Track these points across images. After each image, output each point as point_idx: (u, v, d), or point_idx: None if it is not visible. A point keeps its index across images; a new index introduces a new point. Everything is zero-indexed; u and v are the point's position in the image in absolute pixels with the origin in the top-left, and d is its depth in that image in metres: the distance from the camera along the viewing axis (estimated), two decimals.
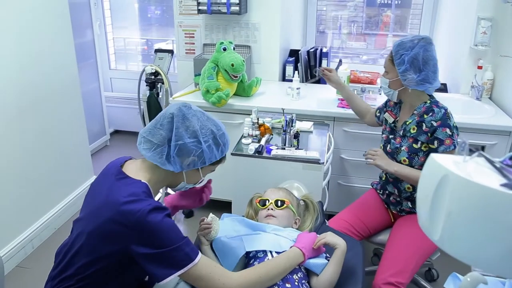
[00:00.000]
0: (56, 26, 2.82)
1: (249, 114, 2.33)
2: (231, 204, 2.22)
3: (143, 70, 2.87)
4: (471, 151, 0.77)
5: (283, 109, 2.32)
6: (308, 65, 3.25)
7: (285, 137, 2.18)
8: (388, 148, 2.01)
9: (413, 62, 1.80)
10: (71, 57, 3.02)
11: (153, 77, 2.87)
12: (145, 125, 2.95)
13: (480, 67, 2.84)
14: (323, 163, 2.04)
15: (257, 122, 2.31)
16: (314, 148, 2.22)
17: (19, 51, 2.52)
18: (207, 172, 1.44)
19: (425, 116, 1.85)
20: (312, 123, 2.46)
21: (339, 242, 1.46)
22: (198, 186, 1.50)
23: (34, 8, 2.60)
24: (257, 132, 2.30)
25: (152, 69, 2.84)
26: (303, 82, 3.27)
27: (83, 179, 3.22)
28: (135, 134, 4.09)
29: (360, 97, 2.49)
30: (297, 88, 2.76)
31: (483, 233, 0.72)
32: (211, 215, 1.55)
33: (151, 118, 2.90)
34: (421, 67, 1.80)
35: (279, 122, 2.42)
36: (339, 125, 2.63)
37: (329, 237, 1.47)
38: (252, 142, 2.23)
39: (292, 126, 2.21)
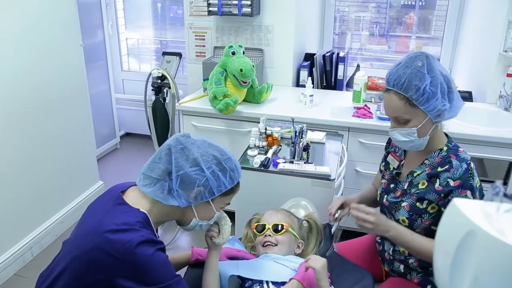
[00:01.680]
0: (64, 27, 2.74)
1: (259, 122, 2.18)
2: (235, 214, 2.08)
3: (150, 74, 2.75)
4: (506, 197, 0.60)
5: (292, 119, 2.16)
6: (324, 70, 3.08)
7: (294, 150, 2.02)
8: (384, 200, 1.58)
9: (441, 88, 1.36)
10: (79, 59, 2.94)
11: (159, 81, 2.74)
12: (151, 132, 2.84)
13: (510, 75, 2.62)
14: (334, 179, 1.88)
15: (265, 132, 2.16)
16: (325, 161, 2.06)
17: (26, 53, 2.45)
18: (220, 205, 1.31)
19: (440, 169, 1.41)
20: (325, 133, 2.30)
21: (316, 266, 1.26)
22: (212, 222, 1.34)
23: (40, 9, 2.52)
24: (265, 143, 2.15)
25: (159, 72, 2.72)
26: (318, 88, 3.10)
27: (88, 185, 3.13)
28: (146, 137, 3.99)
29: (377, 111, 2.27)
30: (310, 95, 2.59)
31: None
32: (219, 215, 1.39)
33: (156, 124, 2.78)
34: (446, 89, 1.37)
35: (289, 132, 2.27)
36: (354, 135, 2.46)
37: (310, 261, 1.29)
38: (259, 154, 2.08)
39: (301, 138, 2.05)
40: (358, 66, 3.15)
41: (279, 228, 1.50)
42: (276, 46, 3.01)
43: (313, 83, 3.02)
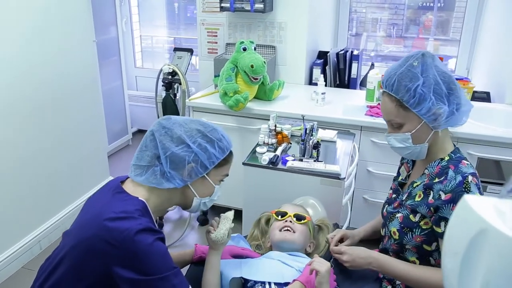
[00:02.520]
0: (77, 23, 2.74)
1: (269, 120, 2.15)
2: (242, 212, 2.05)
3: (161, 70, 2.73)
4: None
5: (303, 116, 2.11)
6: (337, 68, 3.02)
7: (304, 147, 1.98)
8: (384, 210, 1.49)
9: (435, 88, 1.23)
10: (92, 55, 2.94)
11: (170, 77, 2.72)
12: None
13: None
14: (344, 178, 1.83)
15: (275, 130, 2.12)
16: (336, 160, 2.01)
17: (39, 48, 2.45)
18: (217, 178, 1.29)
19: (436, 180, 1.27)
20: (336, 132, 2.25)
21: (321, 268, 1.21)
22: (215, 197, 1.32)
23: (54, 5, 2.53)
24: (274, 140, 2.11)
25: (170, 68, 2.70)
26: (331, 86, 3.05)
27: (98, 181, 3.12)
28: None
29: None
30: (322, 93, 2.54)
31: None
32: (223, 214, 1.38)
33: None
34: (446, 91, 1.24)
35: (299, 129, 2.22)
36: (367, 135, 2.40)
37: (315, 263, 1.25)
38: (268, 151, 2.04)
39: (312, 135, 2.00)
40: (372, 64, 3.09)
41: (301, 218, 1.48)
42: (289, 43, 2.96)
43: (326, 82, 2.98)
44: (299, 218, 1.49)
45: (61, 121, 2.68)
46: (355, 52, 3.01)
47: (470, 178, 1.22)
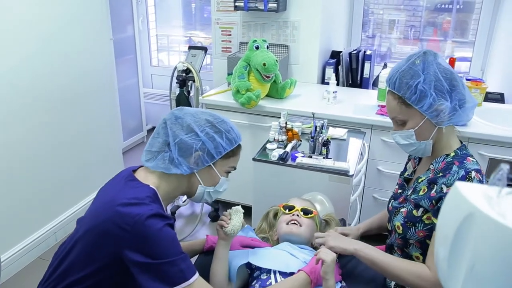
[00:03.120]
0: (94, 21, 2.81)
1: (280, 117, 2.18)
2: (251, 209, 2.08)
3: (175, 67, 2.79)
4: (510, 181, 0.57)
5: (313, 114, 2.14)
6: (350, 68, 3.04)
7: (313, 144, 2.00)
8: (390, 205, 1.50)
9: (436, 85, 1.24)
10: (108, 52, 3.01)
11: (184, 74, 2.77)
12: None
13: None
14: (353, 175, 1.84)
15: (285, 127, 2.14)
16: (345, 157, 2.02)
17: (56, 46, 2.52)
18: (223, 169, 1.32)
19: (440, 175, 1.29)
20: (346, 130, 2.26)
21: (326, 258, 1.24)
22: (222, 189, 1.36)
23: (72, 3, 2.59)
24: (284, 137, 2.13)
25: (184, 66, 2.75)
26: (344, 86, 3.06)
27: (113, 175, 3.18)
28: None
29: None
30: (333, 92, 2.56)
31: None
32: (234, 207, 1.42)
33: None
34: (447, 87, 1.25)
35: (309, 127, 2.25)
36: (377, 133, 2.41)
37: (321, 253, 1.27)
38: (278, 147, 2.07)
39: (321, 133, 2.03)
40: (385, 64, 3.09)
41: (308, 212, 1.51)
42: (301, 43, 2.99)
43: (338, 81, 3.00)
44: (306, 212, 1.52)
45: (78, 117, 2.75)
46: (368, 52, 3.02)
47: (473, 173, 1.24)
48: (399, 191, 1.50)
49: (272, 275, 1.31)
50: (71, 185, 2.78)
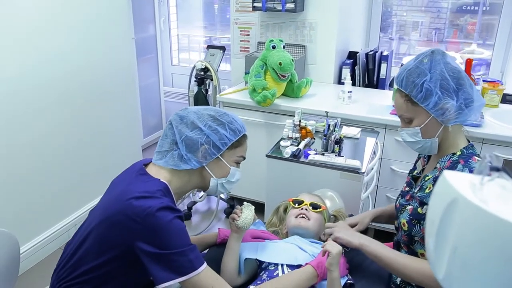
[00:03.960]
0: (117, 21, 2.89)
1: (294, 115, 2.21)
2: (264, 206, 2.12)
3: (194, 66, 2.85)
4: (493, 170, 0.60)
5: (326, 112, 2.17)
6: (367, 68, 3.05)
7: (326, 142, 2.03)
8: (397, 202, 1.52)
9: (442, 84, 1.26)
10: (130, 51, 3.09)
11: (202, 73, 2.84)
12: None
13: None
14: (364, 173, 1.87)
15: (299, 124, 2.18)
16: (357, 156, 2.05)
17: (79, 44, 2.61)
18: (232, 159, 1.38)
19: None
20: (360, 129, 2.29)
21: (332, 250, 1.27)
22: (234, 179, 1.40)
23: (95, 4, 2.68)
24: (298, 135, 2.17)
25: (202, 65, 2.81)
26: (360, 86, 3.08)
27: None
28: None
29: None
30: (348, 92, 2.58)
31: (495, 277, 0.55)
32: (245, 203, 1.48)
33: None
34: (454, 86, 1.26)
35: (323, 125, 2.27)
36: (391, 133, 2.42)
37: (327, 245, 1.30)
38: (291, 145, 2.11)
39: (334, 131, 2.06)
40: (402, 65, 3.09)
41: (317, 207, 1.55)
42: (318, 43, 3.02)
43: (354, 81, 3.02)
44: (314, 206, 1.55)
45: (101, 114, 2.85)
46: (385, 53, 3.02)
47: None
48: (407, 188, 1.52)
49: (279, 267, 1.35)
50: (92, 179, 2.88)
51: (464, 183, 0.61)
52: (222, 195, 2.99)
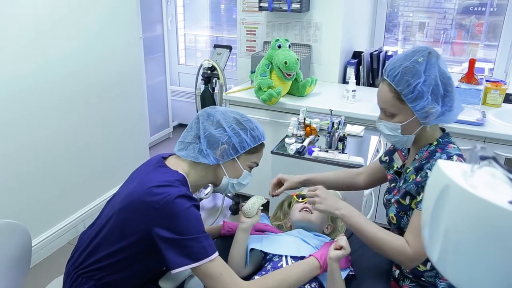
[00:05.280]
0: (125, 20, 2.94)
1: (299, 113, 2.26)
2: (269, 203, 2.16)
3: (201, 65, 2.90)
4: (483, 159, 0.64)
5: (330, 110, 2.21)
6: (371, 68, 3.08)
7: (330, 140, 2.08)
8: (384, 198, 1.56)
9: (433, 89, 1.26)
10: (138, 50, 3.14)
11: (209, 71, 2.89)
12: None
13: None
14: None
15: (304, 122, 2.22)
16: (360, 153, 2.09)
17: (88, 43, 2.66)
18: (246, 163, 1.43)
19: (425, 162, 1.35)
20: (364, 127, 2.32)
21: (347, 247, 1.31)
22: (245, 182, 1.46)
23: (104, 3, 2.73)
24: (302, 133, 2.21)
25: (209, 63, 2.86)
26: (365, 85, 3.11)
27: None
28: None
29: None
30: (352, 90, 2.62)
31: (485, 260, 0.59)
32: (256, 196, 1.51)
33: None
34: (442, 92, 1.28)
35: (327, 123, 2.31)
36: None
37: (341, 240, 1.34)
38: (296, 142, 2.15)
39: (338, 129, 2.10)
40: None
41: None
42: (324, 43, 3.06)
43: (359, 81, 3.05)
44: None
45: (107, 112, 2.90)
46: (389, 53, 3.06)
47: (455, 158, 1.28)
48: (392, 184, 1.53)
49: (283, 258, 1.40)
50: (100, 176, 2.93)
51: (456, 171, 0.65)
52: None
